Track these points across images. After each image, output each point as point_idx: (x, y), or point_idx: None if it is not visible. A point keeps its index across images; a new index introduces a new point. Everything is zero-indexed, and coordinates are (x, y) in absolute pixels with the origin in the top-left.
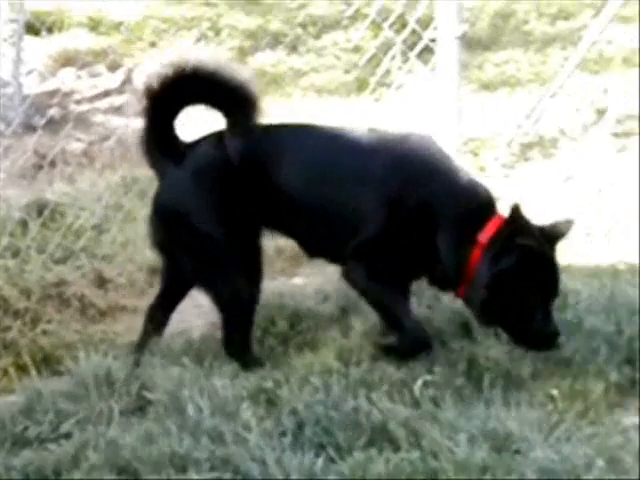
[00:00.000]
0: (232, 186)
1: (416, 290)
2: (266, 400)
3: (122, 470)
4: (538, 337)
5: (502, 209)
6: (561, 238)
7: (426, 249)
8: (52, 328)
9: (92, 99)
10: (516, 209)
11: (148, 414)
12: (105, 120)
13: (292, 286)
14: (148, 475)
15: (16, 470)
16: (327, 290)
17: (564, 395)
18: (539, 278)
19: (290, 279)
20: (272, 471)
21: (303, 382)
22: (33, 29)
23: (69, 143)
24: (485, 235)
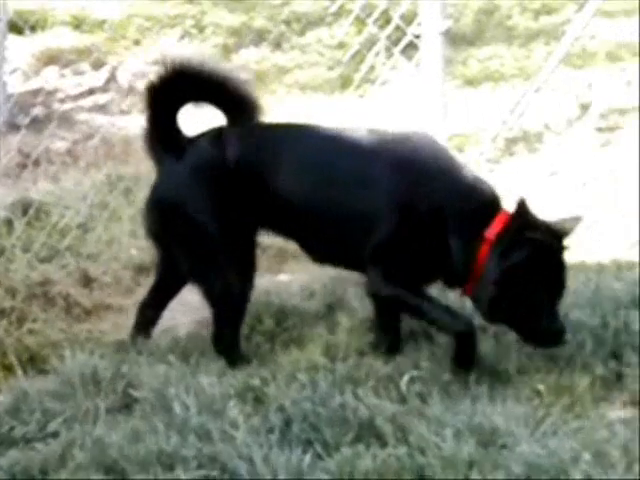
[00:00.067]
0: (230, 183)
1: None
2: (253, 397)
3: (109, 469)
4: (545, 334)
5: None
6: (568, 235)
7: (440, 249)
8: (38, 327)
9: (76, 97)
10: (522, 204)
11: (135, 412)
12: (89, 118)
13: (278, 283)
14: (135, 474)
15: (2, 470)
16: (313, 287)
17: (550, 389)
18: (548, 273)
19: (276, 276)
20: (259, 469)
21: (290, 379)
22: (16, 28)
23: (53, 142)
24: (492, 231)
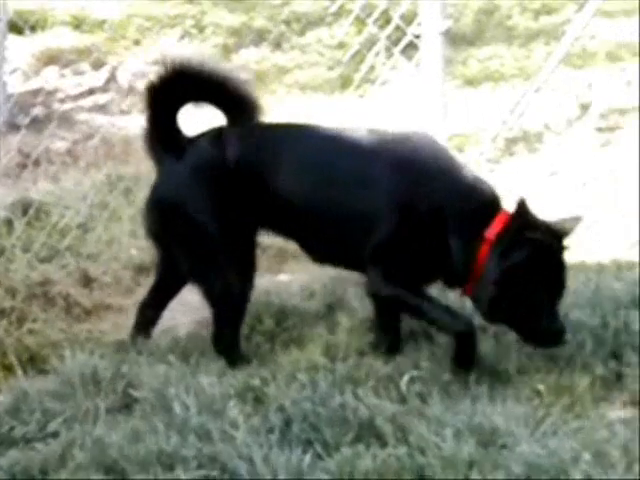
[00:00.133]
0: (230, 183)
1: None
2: (253, 397)
3: (109, 469)
4: (545, 334)
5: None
6: (568, 235)
7: (440, 249)
8: (38, 327)
9: (76, 97)
10: (522, 204)
11: (135, 412)
12: (89, 118)
13: (278, 283)
14: (135, 474)
15: (3, 470)
16: (313, 287)
17: (550, 389)
18: (548, 273)
19: (276, 276)
20: (259, 469)
21: (290, 379)
22: (16, 28)
23: (53, 142)
24: (492, 231)
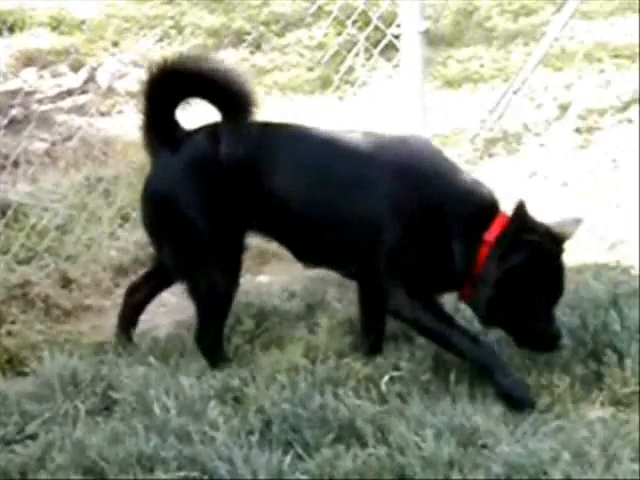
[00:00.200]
0: (222, 180)
1: None
2: (233, 398)
3: (88, 470)
4: (542, 338)
5: None
6: (567, 237)
7: (446, 253)
8: (16, 329)
9: (55, 98)
10: (520, 207)
11: (114, 414)
12: (68, 119)
13: (258, 284)
14: (115, 475)
15: None
16: (293, 288)
17: (530, 389)
18: (547, 276)
19: (256, 277)
20: (240, 470)
21: (270, 380)
22: None
23: (32, 143)
24: (492, 234)
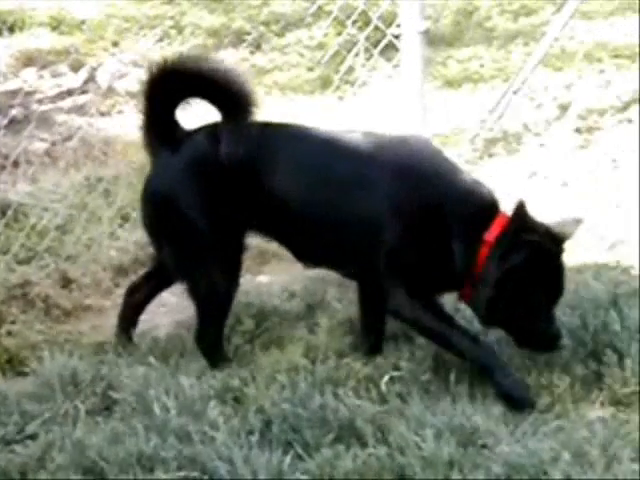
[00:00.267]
0: (222, 181)
1: None
2: (233, 398)
3: (88, 470)
4: (542, 338)
5: None
6: (568, 238)
7: (446, 253)
8: (17, 329)
9: (54, 98)
10: (520, 207)
11: (114, 414)
12: (68, 119)
13: (258, 284)
14: (115, 475)
15: None
16: (293, 288)
17: (530, 389)
18: (547, 277)
19: (256, 277)
20: (240, 470)
21: (270, 380)
22: None
23: (32, 143)
24: (492, 234)
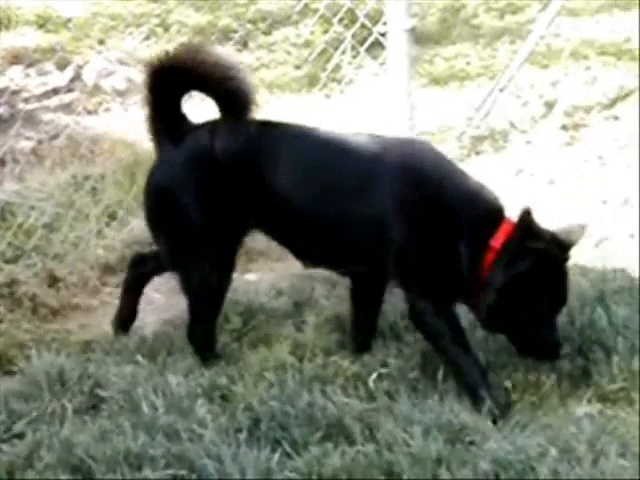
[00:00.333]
0: (221, 176)
1: None
2: (221, 396)
3: (76, 469)
4: (543, 346)
5: None
6: (573, 245)
7: (456, 259)
8: (4, 328)
9: (41, 97)
10: (526, 213)
11: (102, 412)
12: (54, 118)
13: (245, 282)
14: (102, 473)
15: None
16: (280, 285)
17: (517, 386)
18: (551, 284)
19: (243, 275)
20: (228, 468)
21: (257, 378)
22: None
23: (18, 141)
24: (498, 240)
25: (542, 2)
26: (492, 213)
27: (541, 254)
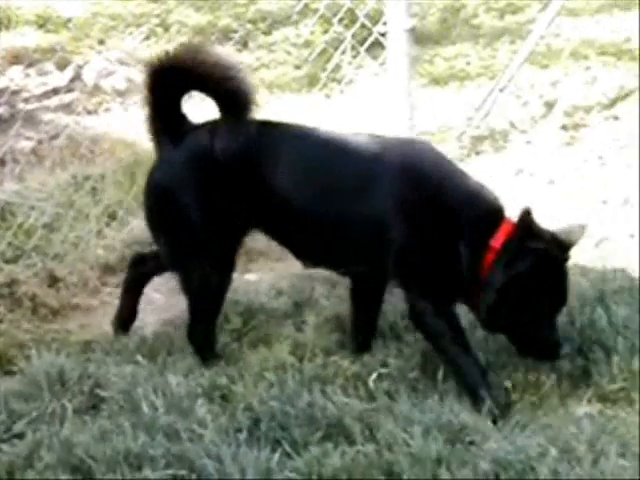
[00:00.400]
0: (221, 176)
1: None
2: (221, 396)
3: (76, 469)
4: (543, 346)
5: None
6: (573, 245)
7: (456, 259)
8: (4, 328)
9: (41, 97)
10: (527, 214)
11: (102, 412)
12: (54, 118)
13: (245, 282)
14: (102, 474)
15: None
16: (280, 285)
17: (517, 386)
18: (551, 284)
19: (243, 275)
20: (228, 468)
21: (258, 378)
22: None
23: (18, 141)
24: (498, 240)
25: (542, 2)
26: (492, 213)
27: (541, 254)
